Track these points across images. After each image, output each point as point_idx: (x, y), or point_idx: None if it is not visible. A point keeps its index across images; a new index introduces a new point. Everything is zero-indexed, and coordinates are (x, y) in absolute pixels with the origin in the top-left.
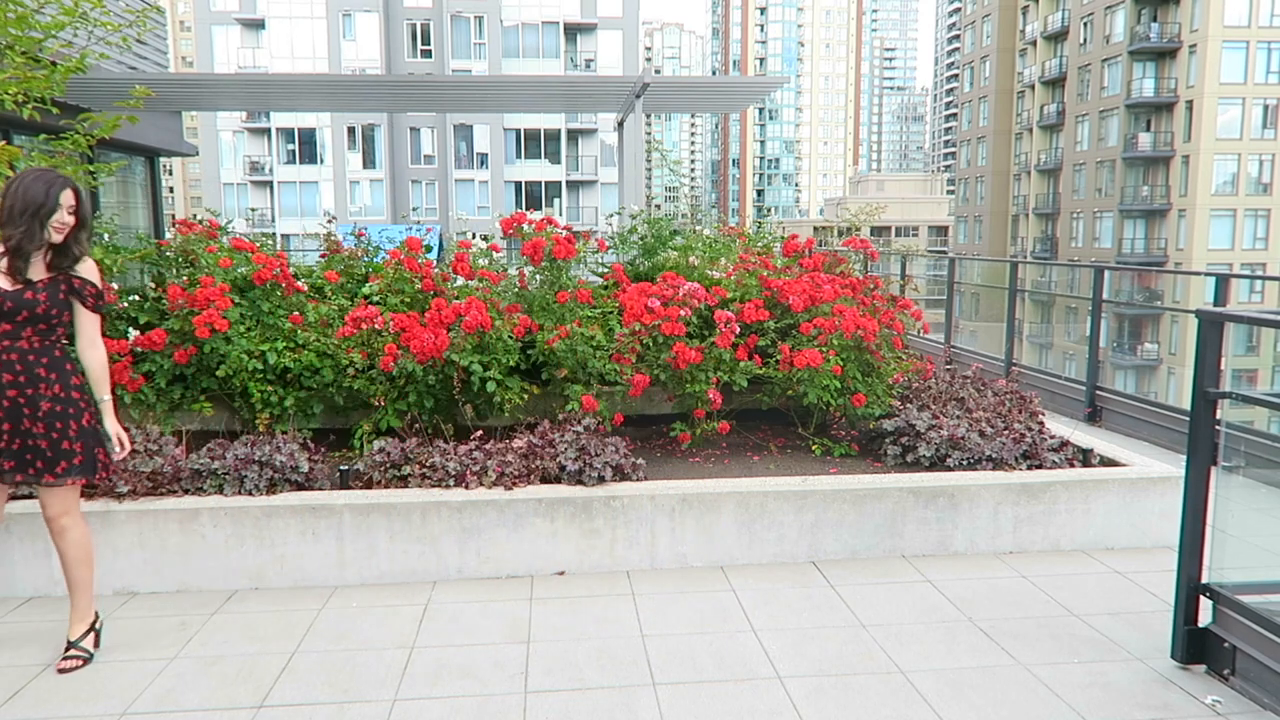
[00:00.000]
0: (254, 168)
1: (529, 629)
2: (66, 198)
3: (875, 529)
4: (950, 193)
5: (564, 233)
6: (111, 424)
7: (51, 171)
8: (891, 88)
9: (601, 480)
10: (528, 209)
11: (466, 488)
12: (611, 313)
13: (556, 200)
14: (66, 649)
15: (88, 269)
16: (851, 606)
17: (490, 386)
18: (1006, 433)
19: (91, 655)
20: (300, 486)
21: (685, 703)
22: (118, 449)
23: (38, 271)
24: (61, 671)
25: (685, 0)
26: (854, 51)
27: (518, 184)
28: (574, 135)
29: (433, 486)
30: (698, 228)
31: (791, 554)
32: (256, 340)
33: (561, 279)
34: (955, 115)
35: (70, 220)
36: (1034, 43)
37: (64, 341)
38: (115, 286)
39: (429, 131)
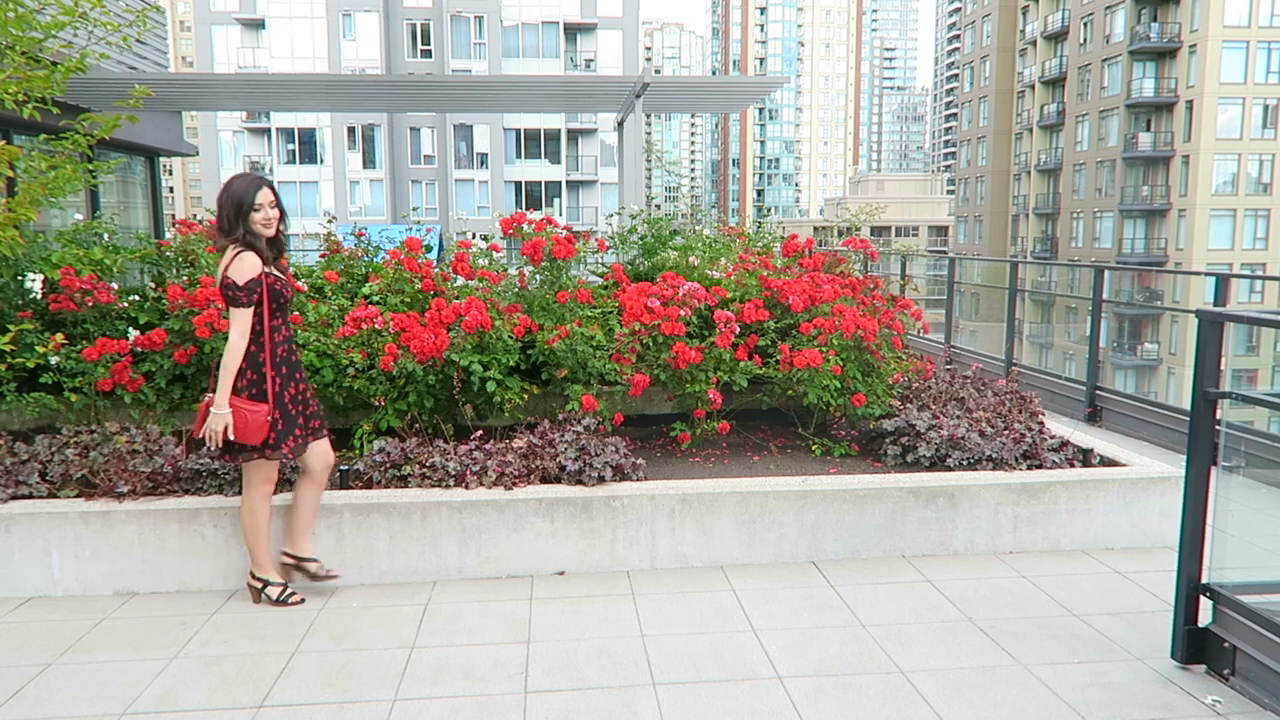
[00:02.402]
0: (254, 167)
1: (529, 629)
2: (265, 195)
3: (875, 529)
4: (950, 193)
5: (564, 233)
6: None
7: (252, 175)
8: (891, 88)
9: (601, 480)
10: (528, 209)
11: (466, 488)
12: (611, 313)
13: (556, 200)
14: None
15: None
16: (851, 606)
17: (490, 386)
18: (1006, 433)
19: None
20: None
21: (685, 703)
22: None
23: (275, 268)
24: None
25: (685, 0)
26: (854, 51)
27: (518, 184)
28: (574, 135)
29: (433, 486)
30: (698, 228)
31: (791, 554)
32: None
33: (561, 279)
34: (955, 115)
35: (275, 214)
36: (1034, 43)
37: None
38: (115, 286)
39: (429, 131)
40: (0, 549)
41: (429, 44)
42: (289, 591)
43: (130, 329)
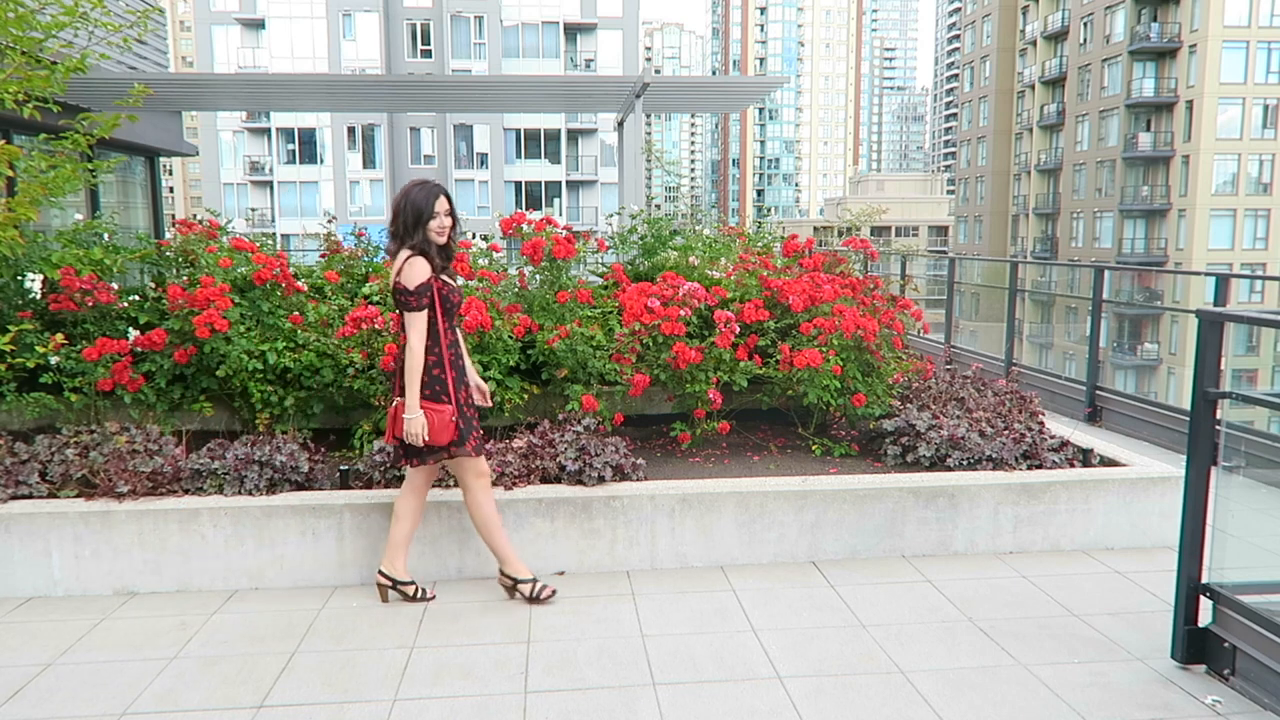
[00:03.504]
0: (254, 168)
1: (529, 629)
2: (441, 204)
3: (875, 529)
4: (950, 193)
5: (564, 233)
6: None
7: (431, 183)
8: (891, 88)
9: (601, 480)
10: (528, 209)
11: None
12: (611, 313)
13: (556, 200)
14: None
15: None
16: (851, 606)
17: (490, 386)
18: (1006, 433)
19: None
20: (300, 486)
21: (685, 703)
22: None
23: (446, 273)
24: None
25: (685, 0)
26: (854, 51)
27: (518, 184)
28: (574, 135)
29: (433, 486)
30: (698, 228)
31: (791, 554)
32: (256, 340)
33: (561, 279)
34: (955, 115)
35: (449, 222)
36: (1034, 43)
37: None
38: (115, 286)
39: (429, 131)
40: (0, 549)
41: (429, 44)
42: (541, 586)
43: (130, 329)
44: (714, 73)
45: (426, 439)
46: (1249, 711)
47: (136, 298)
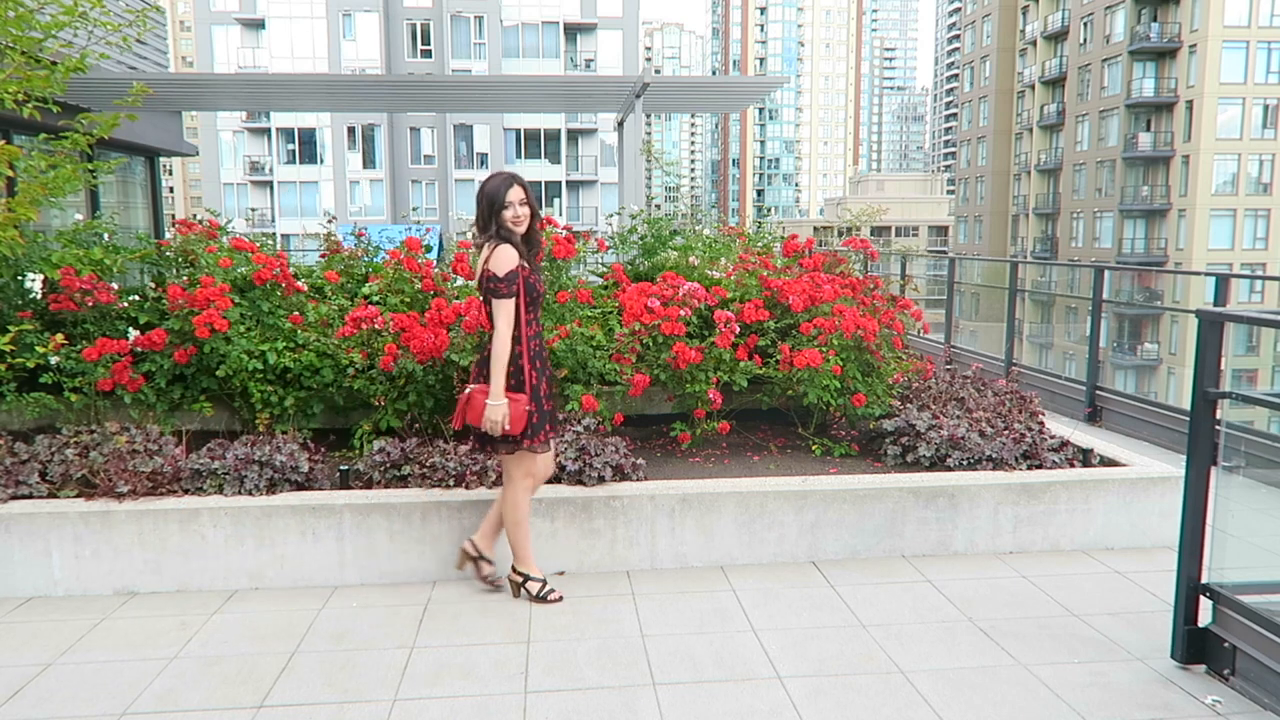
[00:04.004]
0: (254, 168)
1: (529, 629)
2: (515, 193)
3: (875, 529)
4: (950, 193)
5: (564, 233)
6: None
7: (505, 173)
8: (891, 88)
9: (601, 480)
10: None
11: (466, 488)
12: (611, 313)
13: (556, 200)
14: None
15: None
16: (851, 606)
17: None
18: (1006, 433)
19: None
20: (300, 486)
21: (685, 703)
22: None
23: (529, 264)
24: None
25: (685, 0)
26: (854, 51)
27: None
28: (574, 135)
29: (433, 486)
30: (698, 228)
31: (791, 554)
32: (256, 340)
33: (561, 279)
34: (955, 115)
35: (525, 212)
36: (1034, 43)
37: None
38: (115, 286)
39: (429, 131)
40: (0, 549)
41: (429, 44)
42: (548, 589)
43: (130, 329)
44: (714, 73)
45: (508, 427)
46: (1249, 711)
47: (136, 298)
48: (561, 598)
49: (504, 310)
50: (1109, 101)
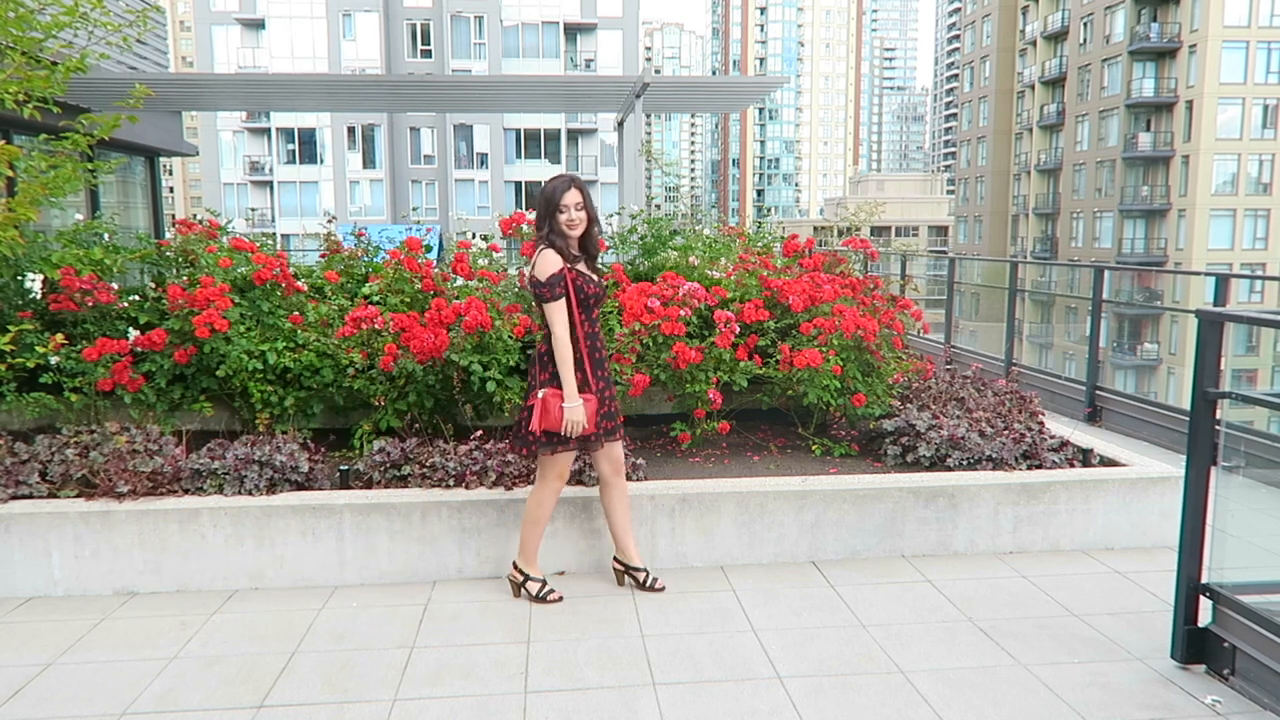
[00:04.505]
0: (254, 168)
1: (529, 629)
2: (570, 197)
3: (875, 529)
4: (950, 193)
5: None
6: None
7: (563, 176)
8: (891, 88)
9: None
10: (528, 209)
11: (466, 488)
12: (611, 313)
13: None
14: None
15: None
16: (851, 606)
17: (490, 386)
18: (1006, 433)
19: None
20: (300, 486)
21: (685, 703)
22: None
23: (584, 266)
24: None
25: (685, 0)
26: (854, 51)
27: (518, 184)
28: (574, 135)
29: (433, 486)
30: (697, 228)
31: (791, 554)
32: (256, 340)
33: None
34: (955, 115)
35: (580, 216)
36: (1034, 43)
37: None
38: (115, 286)
39: (429, 131)
40: (0, 549)
41: (429, 44)
42: (548, 589)
43: (130, 329)
44: (714, 73)
45: (579, 431)
46: (1249, 711)
47: (136, 298)
48: (561, 598)
49: (556, 313)
50: (1109, 101)
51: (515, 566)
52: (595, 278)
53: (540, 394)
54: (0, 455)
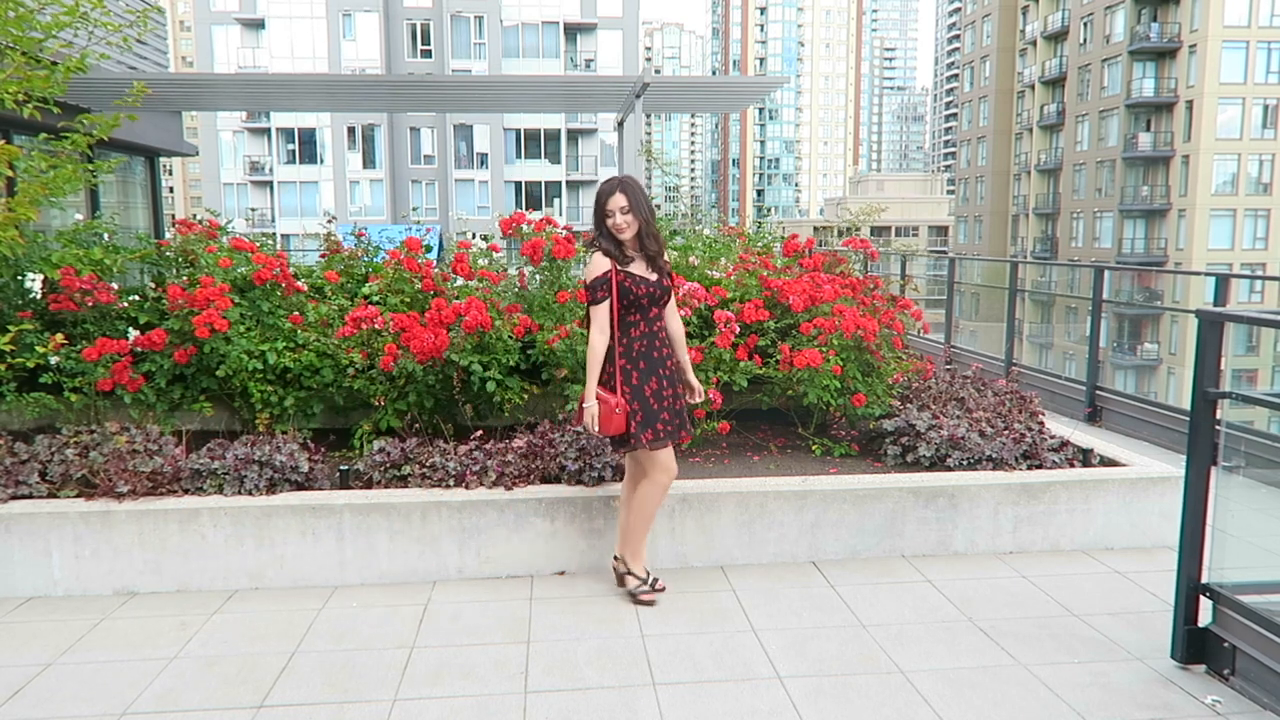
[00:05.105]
0: (254, 168)
1: (529, 629)
2: (615, 200)
3: (875, 529)
4: (950, 193)
5: (563, 232)
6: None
7: (611, 180)
8: (891, 88)
9: (601, 480)
10: (528, 209)
11: (466, 488)
12: None
13: (556, 200)
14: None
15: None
16: (851, 606)
17: (490, 386)
18: (1006, 433)
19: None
20: (300, 486)
21: (685, 703)
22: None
23: (641, 267)
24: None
25: (685, 0)
26: (854, 51)
27: (518, 184)
28: (574, 135)
29: (433, 486)
30: (697, 228)
31: (791, 554)
32: (256, 340)
33: (561, 279)
34: (955, 115)
35: (627, 219)
36: (1034, 43)
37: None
38: (115, 286)
39: (429, 131)
40: (0, 549)
41: (429, 44)
42: (644, 589)
43: (130, 329)
44: (714, 73)
45: (596, 429)
46: (1249, 711)
47: (136, 298)
48: (654, 601)
49: (596, 315)
50: (1109, 101)
51: (617, 557)
52: (652, 277)
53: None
54: (0, 455)
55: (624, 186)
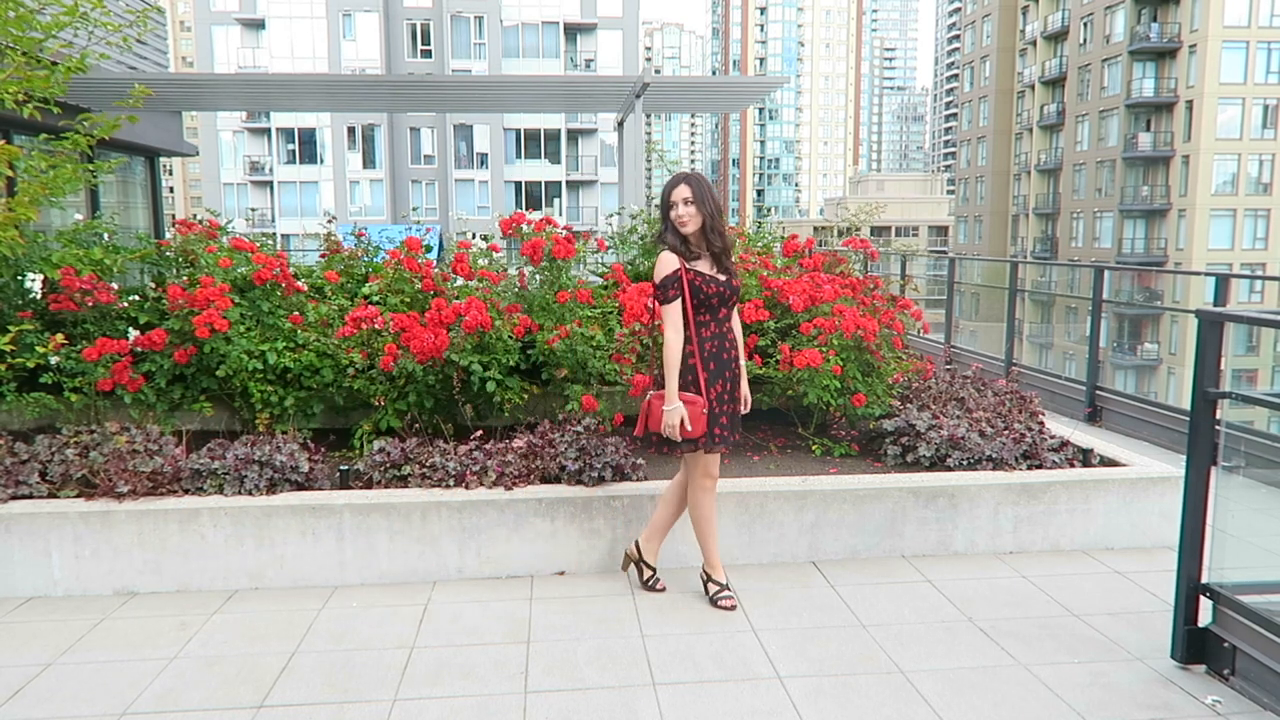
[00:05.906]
0: (254, 168)
1: (529, 629)
2: (678, 193)
3: (875, 529)
4: (950, 193)
5: (563, 233)
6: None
7: (677, 173)
8: (891, 88)
9: (601, 480)
10: (528, 209)
11: (466, 488)
12: (611, 313)
13: (556, 200)
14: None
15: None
16: (851, 606)
17: (490, 386)
18: (1006, 433)
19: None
20: (300, 486)
21: (685, 703)
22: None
23: (706, 264)
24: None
25: (685, 0)
26: (854, 51)
27: (518, 184)
28: (574, 135)
29: (433, 486)
30: None
31: (791, 554)
32: (256, 340)
33: (561, 279)
34: (955, 115)
35: (690, 211)
36: (1034, 43)
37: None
38: (115, 286)
39: (429, 131)
40: (0, 549)
41: (429, 44)
42: (725, 595)
43: (130, 329)
44: (714, 73)
45: (690, 428)
46: (1249, 711)
47: (136, 298)
48: (734, 606)
49: (669, 315)
50: (1109, 101)
51: (704, 568)
52: (721, 277)
53: (648, 396)
54: (0, 455)
55: (689, 178)
